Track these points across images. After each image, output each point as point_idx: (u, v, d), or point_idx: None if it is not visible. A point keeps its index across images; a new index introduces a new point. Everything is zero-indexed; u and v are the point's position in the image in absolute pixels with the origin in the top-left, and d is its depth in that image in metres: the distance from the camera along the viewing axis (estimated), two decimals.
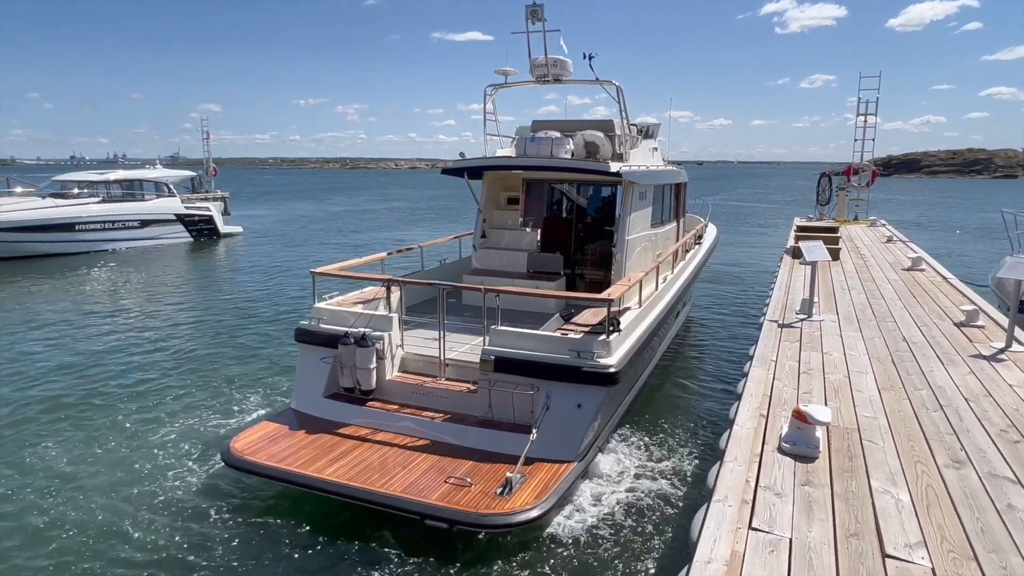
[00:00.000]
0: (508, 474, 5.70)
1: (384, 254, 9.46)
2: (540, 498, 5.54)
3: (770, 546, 3.61)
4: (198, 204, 28.27)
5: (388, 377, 7.33)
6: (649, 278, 8.52)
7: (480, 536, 5.68)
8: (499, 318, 6.90)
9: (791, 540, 3.66)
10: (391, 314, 7.58)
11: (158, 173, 27.55)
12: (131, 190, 25.81)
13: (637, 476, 6.96)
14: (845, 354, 7.18)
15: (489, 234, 10.67)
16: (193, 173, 31.45)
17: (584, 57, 9.81)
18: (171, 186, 27.04)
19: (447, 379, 7.27)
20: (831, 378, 6.39)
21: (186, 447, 7.59)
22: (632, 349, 7.05)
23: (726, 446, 4.88)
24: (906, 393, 6.00)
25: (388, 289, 7.93)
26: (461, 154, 10.06)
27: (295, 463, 6.07)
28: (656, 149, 12.00)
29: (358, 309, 7.77)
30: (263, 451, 6.30)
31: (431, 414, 6.88)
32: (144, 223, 25.35)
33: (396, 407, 7.07)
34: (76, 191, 24.50)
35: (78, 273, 19.77)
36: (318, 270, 7.94)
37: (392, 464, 6.11)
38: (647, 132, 11.69)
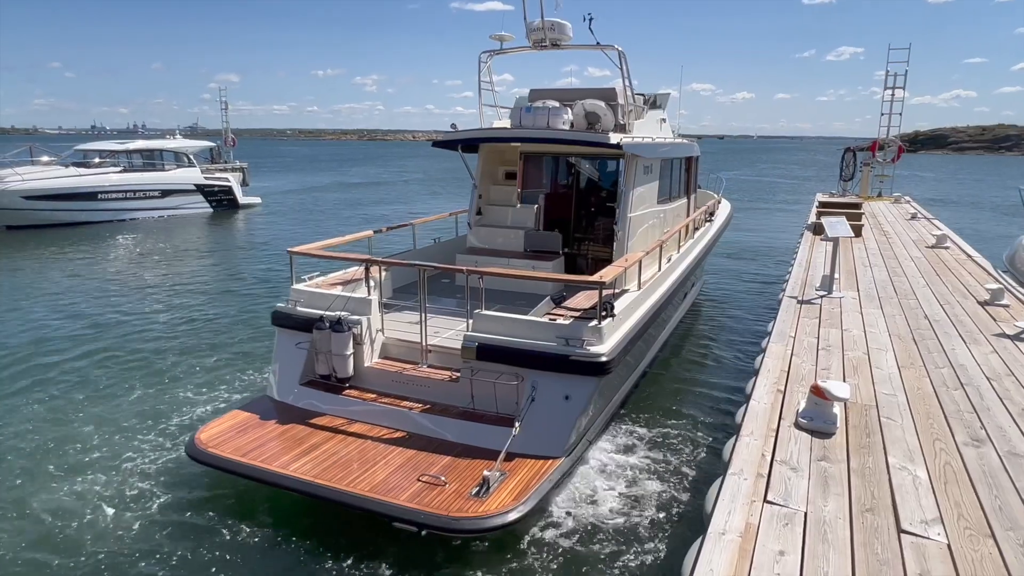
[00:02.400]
0: (486, 472, 5.28)
1: (371, 232, 8.94)
2: (519, 499, 5.12)
3: (785, 519, 3.62)
4: (217, 174, 28.48)
5: (367, 364, 6.92)
6: (652, 258, 8.11)
7: (455, 540, 5.32)
8: (483, 301, 6.47)
9: (806, 514, 3.68)
10: (370, 297, 7.15)
11: (178, 143, 27.74)
12: (151, 160, 26.03)
13: (643, 456, 6.83)
14: (865, 331, 7.11)
15: (485, 211, 10.21)
16: (212, 143, 31.64)
17: (584, 19, 9.10)
18: (191, 156, 27.25)
19: (429, 366, 6.85)
20: (850, 355, 6.34)
21: (161, 430, 7.33)
22: (628, 336, 6.58)
23: (742, 420, 4.89)
24: (926, 371, 5.94)
25: (367, 270, 7.52)
26: (452, 125, 9.55)
27: (260, 457, 5.75)
28: (665, 120, 11.38)
29: (337, 291, 7.35)
30: (229, 443, 5.98)
31: (410, 404, 6.49)
32: (164, 193, 25.60)
33: (374, 396, 6.69)
34: (97, 160, 24.76)
35: (99, 242, 20.07)
36: (295, 249, 7.51)
37: (364, 459, 5.75)
38: (654, 102, 11.07)
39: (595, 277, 6.33)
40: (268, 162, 73.11)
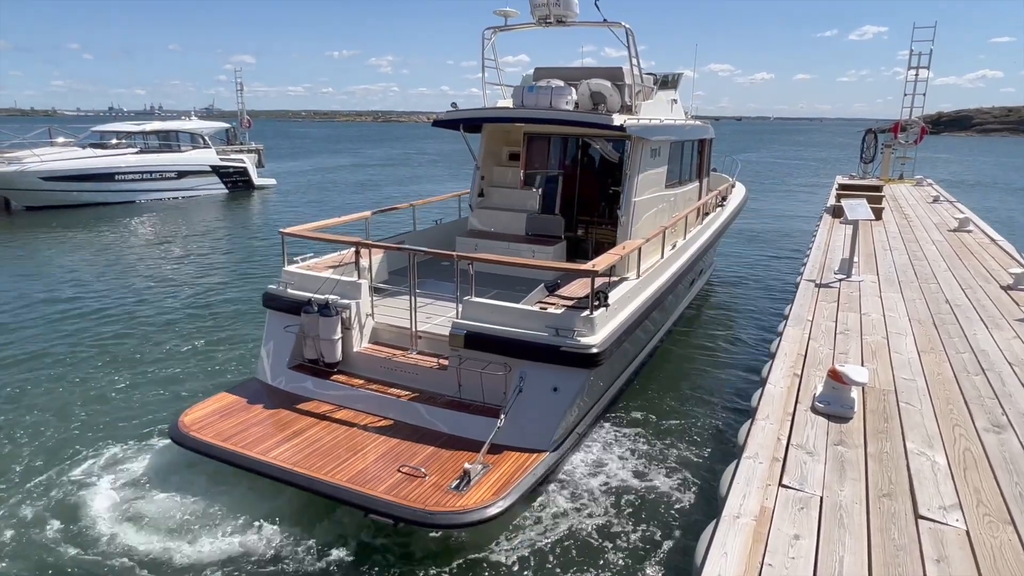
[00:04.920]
0: (467, 465, 5.18)
1: (368, 213, 8.76)
2: (499, 494, 4.97)
3: (800, 503, 3.59)
4: (233, 156, 28.58)
5: (356, 349, 6.83)
6: (655, 245, 7.91)
7: (433, 533, 5.19)
8: (473, 288, 6.28)
9: (822, 498, 3.65)
10: (360, 280, 7.04)
11: (194, 124, 27.85)
12: (167, 141, 26.16)
13: (651, 439, 6.78)
14: (884, 315, 7.01)
15: (487, 193, 9.95)
16: (228, 125, 31.73)
17: None
18: (206, 138, 27.35)
19: (418, 353, 6.73)
20: (868, 339, 6.26)
21: (152, 410, 7.34)
22: (622, 327, 6.39)
23: (758, 404, 4.85)
24: (947, 356, 5.85)
25: (357, 253, 7.38)
26: (453, 104, 9.32)
27: (242, 442, 5.68)
28: (676, 101, 11.02)
29: (328, 274, 7.23)
30: (212, 427, 5.93)
31: (397, 391, 6.38)
32: (181, 174, 25.75)
33: (362, 382, 6.60)
34: (115, 141, 24.93)
35: (114, 222, 20.23)
36: (287, 230, 7.43)
37: (347, 447, 5.66)
38: (665, 82, 10.75)
39: (588, 265, 6.11)
40: (283, 143, 73.08)
